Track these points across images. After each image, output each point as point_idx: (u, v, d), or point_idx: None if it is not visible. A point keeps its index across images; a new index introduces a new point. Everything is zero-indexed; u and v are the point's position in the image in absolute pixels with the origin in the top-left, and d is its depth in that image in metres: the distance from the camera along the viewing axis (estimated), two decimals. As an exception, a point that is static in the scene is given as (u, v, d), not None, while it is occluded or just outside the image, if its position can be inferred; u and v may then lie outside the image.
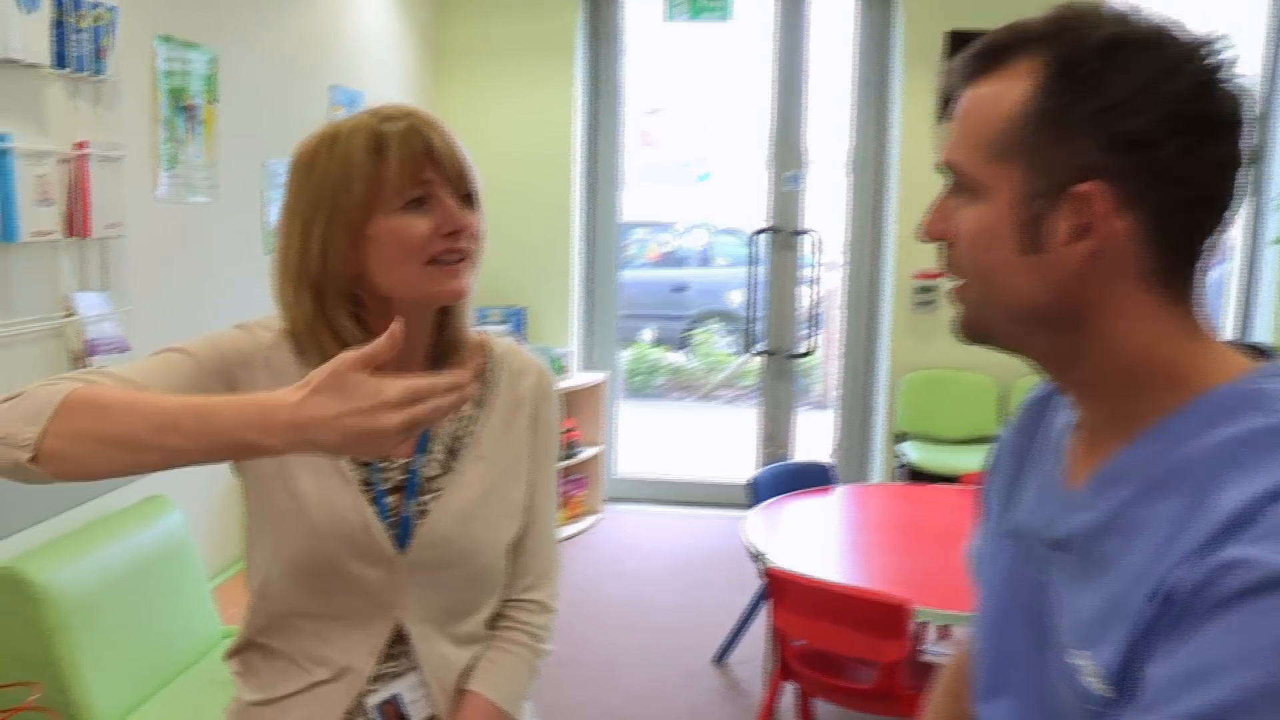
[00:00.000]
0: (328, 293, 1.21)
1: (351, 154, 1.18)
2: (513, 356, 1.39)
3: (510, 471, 1.34)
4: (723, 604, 4.13)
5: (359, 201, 1.18)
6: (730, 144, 7.29)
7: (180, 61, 2.83)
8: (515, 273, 5.39)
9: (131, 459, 1.00)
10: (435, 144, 1.20)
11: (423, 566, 1.27)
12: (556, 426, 1.41)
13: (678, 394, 8.80)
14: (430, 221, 1.20)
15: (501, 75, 5.25)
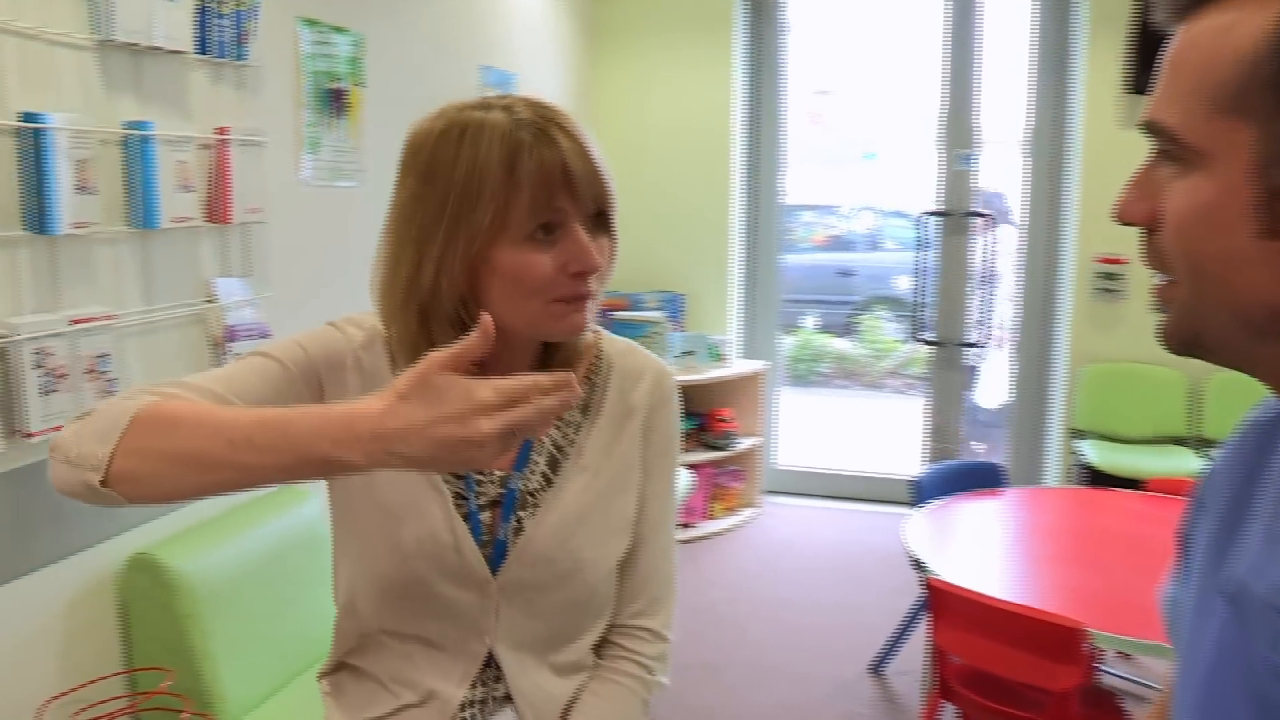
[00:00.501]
0: (434, 315, 1.08)
1: (482, 164, 1.04)
2: (627, 357, 1.24)
3: (618, 484, 1.20)
4: (883, 607, 3.90)
5: (485, 224, 1.04)
6: (898, 123, 6.95)
7: (325, 45, 2.80)
8: (673, 258, 5.26)
9: (204, 478, 0.90)
10: (573, 165, 1.04)
11: (518, 589, 1.15)
12: (674, 435, 1.26)
13: (842, 382, 8.52)
14: (555, 258, 1.06)
15: (659, 54, 5.12)
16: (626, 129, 5.22)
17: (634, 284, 5.27)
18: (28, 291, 1.93)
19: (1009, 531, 3.16)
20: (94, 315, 2.02)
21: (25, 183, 1.89)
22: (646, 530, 1.22)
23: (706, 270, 5.25)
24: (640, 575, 1.23)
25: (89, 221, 1.99)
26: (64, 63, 1.99)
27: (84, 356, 1.99)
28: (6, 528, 1.92)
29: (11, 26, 1.87)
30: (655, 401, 1.23)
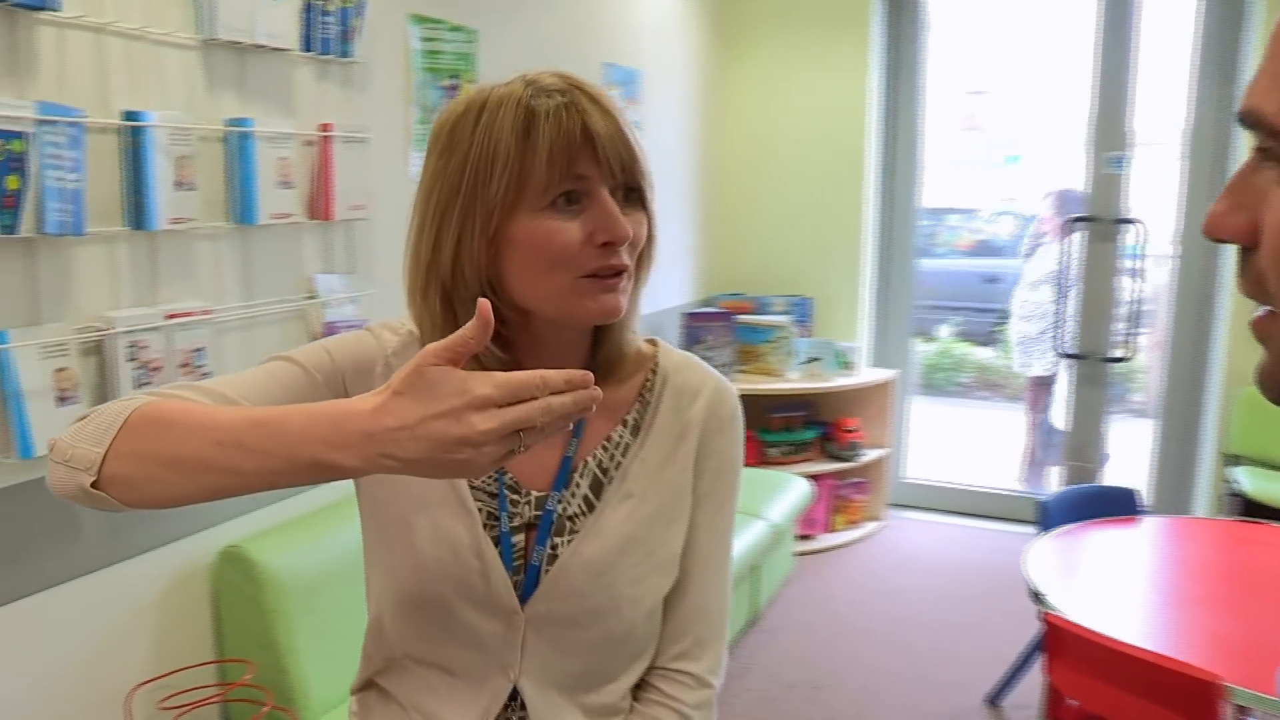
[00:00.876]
0: (458, 299, 1.01)
1: (496, 133, 0.96)
2: (685, 372, 1.14)
3: (665, 515, 1.10)
4: (1005, 634, 3.69)
5: (500, 195, 0.96)
6: (1044, 124, 6.59)
7: (436, 41, 2.80)
8: (801, 260, 5.13)
9: (195, 482, 0.85)
10: (596, 127, 0.96)
11: (547, 623, 1.06)
12: (734, 461, 1.15)
13: (984, 394, 8.17)
14: (582, 226, 0.97)
15: (791, 52, 4.98)
16: (756, 129, 5.11)
17: (761, 287, 5.15)
18: (126, 286, 1.97)
19: (1144, 565, 2.93)
20: (191, 310, 2.05)
21: (126, 180, 1.93)
22: (694, 565, 1.12)
23: (837, 274, 5.10)
24: (685, 614, 1.13)
25: (187, 217, 2.02)
26: (168, 62, 2.02)
27: (179, 350, 2.02)
28: (102, 515, 1.97)
29: (117, 28, 1.91)
30: (712, 422, 1.13)
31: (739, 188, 5.21)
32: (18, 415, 1.76)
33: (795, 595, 4.12)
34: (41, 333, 1.80)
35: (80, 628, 1.96)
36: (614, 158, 0.97)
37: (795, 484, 4.22)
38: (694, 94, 4.74)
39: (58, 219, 1.76)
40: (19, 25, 1.76)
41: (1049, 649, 2.35)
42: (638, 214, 1.02)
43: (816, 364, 4.73)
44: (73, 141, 1.78)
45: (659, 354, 1.15)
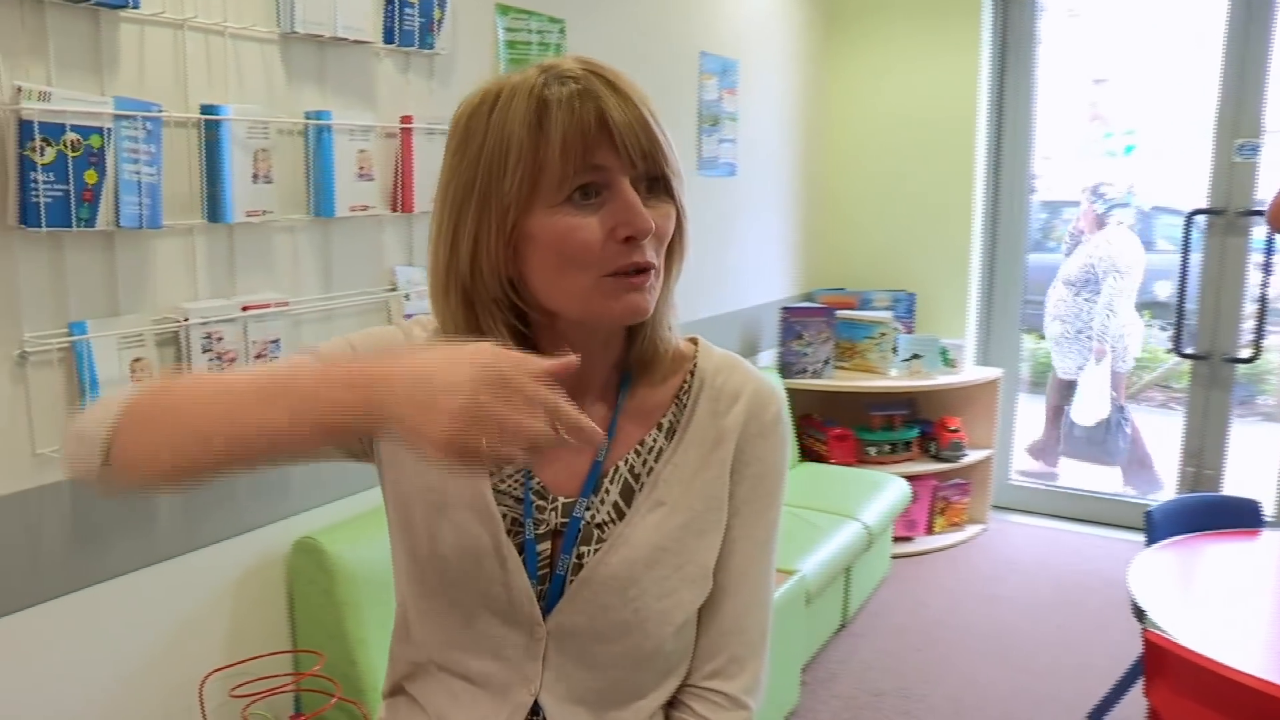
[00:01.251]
0: (478, 300, 0.97)
1: (508, 125, 0.92)
2: (725, 374, 1.08)
3: (697, 524, 1.04)
4: (1111, 648, 3.52)
5: (514, 191, 0.92)
6: (1164, 112, 6.23)
7: (522, 32, 2.77)
8: (905, 254, 4.98)
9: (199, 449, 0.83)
10: (613, 114, 0.91)
11: (570, 635, 1.02)
12: (777, 470, 1.08)
13: (1098, 392, 7.83)
14: (602, 222, 0.92)
15: (897, 39, 4.83)
16: (859, 118, 4.97)
17: (862, 281, 5.03)
18: (203, 278, 2.00)
19: (1264, 583, 2.74)
20: (267, 302, 2.07)
21: (203, 173, 1.95)
22: (729, 579, 1.06)
23: (942, 268, 4.93)
24: (719, 630, 1.07)
25: (264, 210, 2.04)
26: (248, 56, 2.04)
27: (255, 342, 2.04)
28: (176, 504, 2.00)
29: (197, 24, 1.93)
30: (752, 427, 1.06)
31: (841, 179, 5.08)
32: (95, 405, 1.79)
33: (889, 599, 4.00)
34: (119, 324, 1.83)
35: (156, 614, 2.00)
36: (633, 146, 0.91)
37: (893, 484, 4.10)
38: (794, 83, 4.63)
39: (134, 212, 1.79)
40: (101, 23, 1.79)
41: (1150, 670, 2.20)
42: (664, 205, 0.96)
43: (919, 361, 4.58)
44: (150, 136, 1.81)
45: (699, 354, 1.09)
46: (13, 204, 1.65)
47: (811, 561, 3.26)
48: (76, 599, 1.86)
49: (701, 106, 3.82)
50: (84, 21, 1.76)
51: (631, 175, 0.93)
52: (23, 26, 1.67)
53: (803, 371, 4.48)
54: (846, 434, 4.50)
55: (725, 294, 4.14)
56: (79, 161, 1.70)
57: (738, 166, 4.16)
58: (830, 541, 3.45)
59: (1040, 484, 5.13)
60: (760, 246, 4.47)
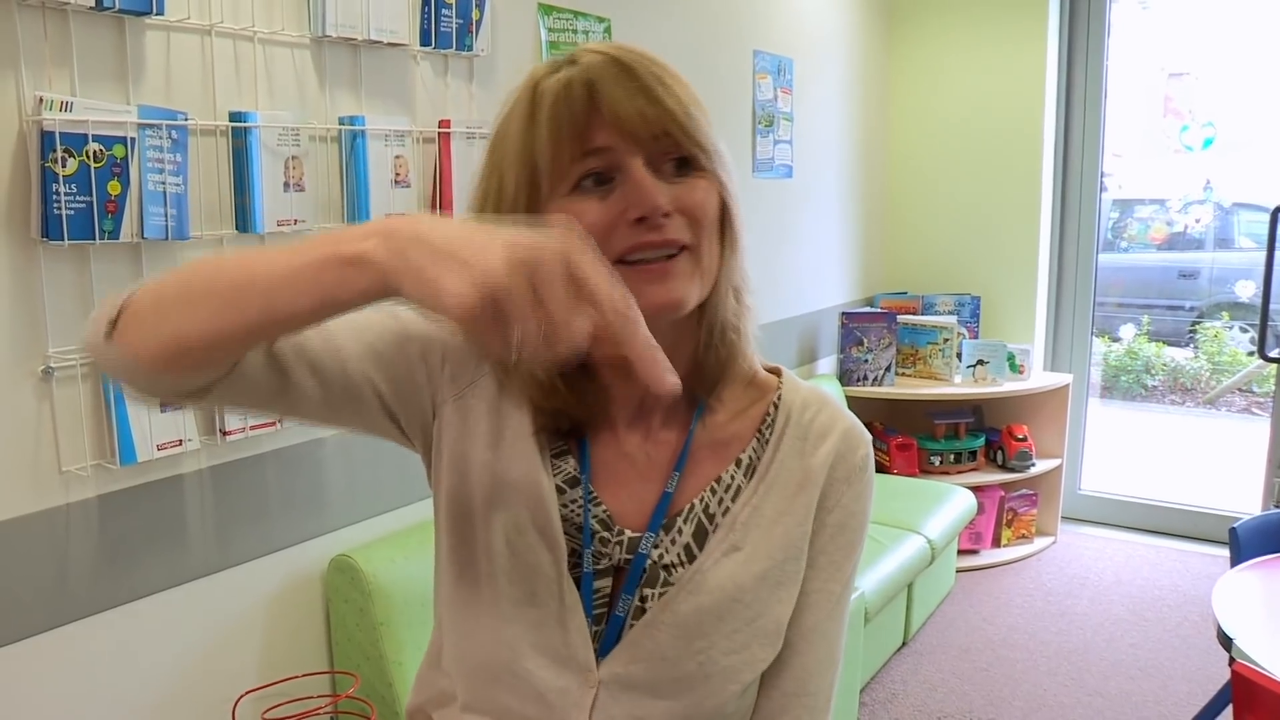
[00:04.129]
0: None
1: (509, 124, 0.88)
2: (812, 409, 0.98)
3: (776, 575, 0.93)
4: (1191, 672, 3.34)
5: (515, 192, 0.86)
6: (1246, 104, 5.96)
7: (567, 33, 2.69)
8: (969, 256, 4.82)
9: (202, 306, 0.74)
10: (605, 95, 0.83)
11: (626, 687, 0.91)
12: (859, 518, 0.98)
13: (1176, 398, 7.56)
14: (610, 206, 0.84)
15: (959, 32, 4.68)
16: (920, 116, 4.82)
17: (925, 285, 4.88)
18: (233, 290, 1.94)
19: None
20: (299, 314, 2.01)
21: (232, 181, 1.90)
22: (799, 636, 0.95)
23: (1009, 271, 4.76)
24: (783, 692, 0.96)
25: (296, 219, 1.98)
26: (278, 61, 1.98)
27: (286, 356, 1.98)
28: (207, 522, 1.95)
29: (224, 29, 1.88)
30: (840, 470, 0.96)
31: (902, 180, 4.93)
32: (121, 421, 1.74)
33: (953, 615, 3.84)
34: (146, 338, 1.79)
35: (188, 633, 1.95)
36: (634, 124, 0.83)
37: (958, 496, 3.95)
38: (852, 81, 4.50)
39: (159, 224, 1.74)
40: (126, 31, 1.74)
41: (1238, 703, 2.05)
42: (695, 181, 0.87)
43: (984, 367, 4.42)
44: (176, 145, 1.76)
45: (783, 385, 0.99)
46: (35, 217, 1.61)
47: (871, 578, 3.13)
48: (106, 618, 1.81)
49: (756, 107, 3.72)
50: (108, 30, 1.72)
51: (645, 155, 0.84)
52: (46, 37, 1.63)
53: (863, 379, 4.35)
54: (909, 443, 4.36)
55: (782, 299, 4.02)
56: (101, 172, 1.65)
57: (794, 168, 4.04)
58: (891, 556, 3.31)
59: (1113, 495, 4.93)
60: (818, 250, 4.34)
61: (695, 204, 0.86)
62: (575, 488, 0.93)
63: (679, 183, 0.86)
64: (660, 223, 0.84)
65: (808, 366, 4.29)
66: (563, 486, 0.93)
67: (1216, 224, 6.52)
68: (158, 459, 1.81)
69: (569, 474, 0.94)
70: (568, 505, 0.93)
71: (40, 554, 1.71)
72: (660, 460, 0.94)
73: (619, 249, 0.84)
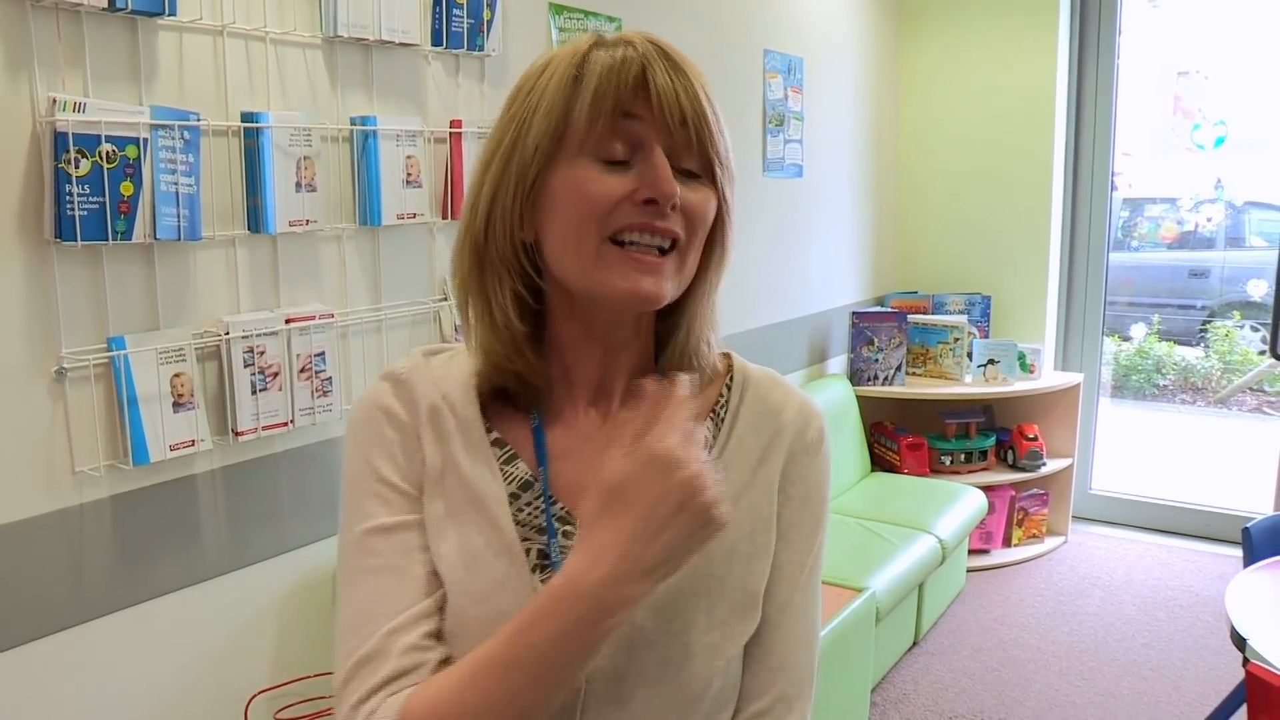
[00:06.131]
0: (489, 261, 0.91)
1: (549, 81, 0.88)
2: (765, 388, 1.00)
3: (746, 548, 0.94)
4: (1203, 672, 3.32)
5: (537, 141, 0.86)
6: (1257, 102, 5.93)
7: (578, 33, 2.69)
8: (980, 256, 4.81)
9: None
10: (656, 77, 0.85)
11: (609, 679, 0.90)
12: (822, 490, 0.99)
13: (1186, 397, 7.53)
14: (625, 183, 0.86)
15: (970, 31, 4.67)
16: (931, 115, 4.81)
17: (936, 284, 4.87)
18: (245, 290, 1.95)
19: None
20: (311, 314, 2.01)
21: (244, 182, 1.90)
22: (775, 611, 0.96)
23: (1019, 270, 4.75)
24: (766, 667, 0.96)
25: (308, 219, 1.98)
26: (290, 62, 1.99)
27: (299, 355, 1.98)
28: (219, 522, 1.95)
29: (236, 30, 1.88)
30: (798, 444, 0.97)
31: (912, 179, 4.92)
32: (134, 421, 1.75)
33: (964, 615, 3.83)
34: (159, 338, 1.79)
35: (201, 633, 1.95)
36: (670, 109, 0.85)
37: (968, 495, 3.94)
38: (863, 80, 4.49)
39: (171, 224, 1.74)
40: (139, 32, 1.74)
41: (1253, 704, 2.04)
42: (703, 189, 0.89)
43: (995, 366, 4.41)
44: (189, 145, 1.76)
45: (734, 367, 1.01)
46: (49, 217, 1.62)
47: (882, 577, 3.12)
48: (120, 618, 1.82)
49: (767, 106, 3.71)
50: (121, 30, 1.72)
51: (667, 145, 0.86)
52: (60, 38, 1.63)
53: (874, 378, 4.34)
54: (919, 443, 4.35)
55: (792, 299, 4.01)
56: (114, 173, 1.65)
57: (804, 167, 4.03)
58: (902, 556, 3.31)
59: (1124, 495, 4.91)
60: (828, 249, 4.33)
61: (696, 206, 0.88)
62: (528, 490, 0.94)
63: (689, 186, 0.88)
64: (666, 211, 0.86)
65: (818, 366, 4.28)
66: (517, 492, 0.94)
67: (1228, 223, 6.50)
68: (170, 459, 1.81)
69: (522, 478, 0.94)
70: (523, 509, 0.93)
71: (54, 555, 1.71)
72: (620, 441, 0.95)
73: (617, 225, 0.86)
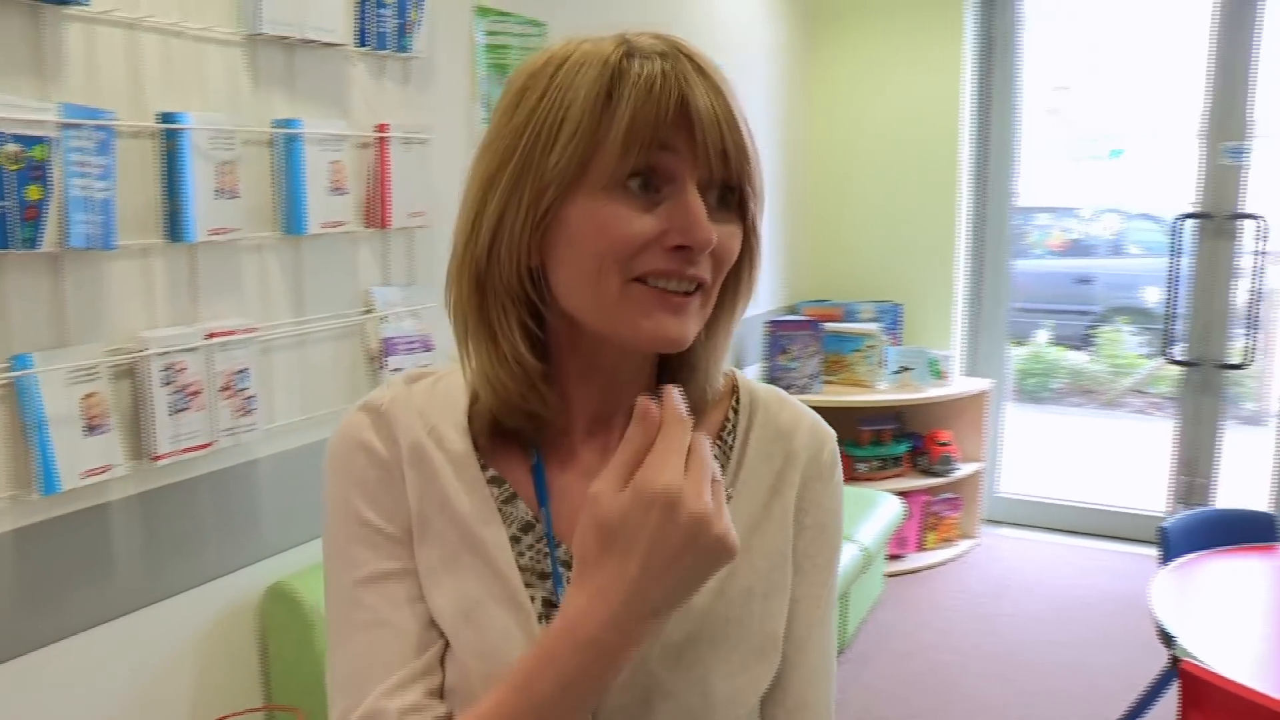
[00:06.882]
0: (491, 289, 0.80)
1: (572, 92, 0.76)
2: (773, 409, 0.93)
3: (763, 587, 0.87)
4: (1117, 668, 3.40)
5: (559, 166, 0.76)
6: (1149, 115, 6.17)
7: (502, 35, 2.61)
8: (890, 264, 4.86)
9: None
10: (698, 102, 0.76)
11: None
12: (835, 517, 0.93)
13: (1075, 399, 7.79)
14: (655, 223, 0.76)
15: (880, 43, 4.73)
16: (841, 125, 4.86)
17: (847, 293, 4.91)
18: (162, 303, 1.81)
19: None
20: (233, 328, 1.89)
21: (162, 187, 1.77)
22: (794, 648, 0.89)
23: (928, 278, 4.82)
24: (785, 708, 0.89)
25: (230, 228, 1.86)
26: (209, 60, 1.86)
27: (220, 373, 1.85)
28: (135, 553, 1.81)
29: (152, 24, 1.75)
30: (812, 470, 0.91)
31: (824, 189, 4.96)
32: (42, 447, 1.60)
33: (886, 620, 3.85)
34: (69, 356, 1.65)
35: (116, 674, 1.80)
36: (712, 141, 0.76)
37: (887, 502, 3.97)
38: (775, 89, 4.50)
39: (84, 231, 1.60)
40: (43, 22, 1.61)
41: (1186, 700, 2.08)
42: (731, 224, 0.80)
43: (908, 374, 4.46)
44: (102, 147, 1.63)
45: (738, 388, 0.93)
46: (-54, 224, 1.47)
47: (811, 587, 3.10)
48: (25, 663, 1.67)
49: (683, 114, 3.68)
50: (21, 19, 1.58)
51: (701, 179, 0.77)
52: (-46, 26, 1.49)
53: (790, 387, 4.35)
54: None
55: (709, 308, 3.98)
56: (20, 175, 1.51)
57: (719, 176, 4.01)
58: (828, 565, 3.30)
59: (1028, 497, 5.02)
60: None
61: (725, 245, 0.80)
62: (529, 532, 0.86)
63: (717, 220, 0.79)
64: (697, 258, 0.78)
65: (734, 375, 4.26)
66: (518, 535, 0.85)
67: (1118, 232, 6.73)
68: (83, 487, 1.67)
69: (522, 519, 0.86)
70: (525, 553, 0.85)
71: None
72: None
73: (642, 269, 0.77)
